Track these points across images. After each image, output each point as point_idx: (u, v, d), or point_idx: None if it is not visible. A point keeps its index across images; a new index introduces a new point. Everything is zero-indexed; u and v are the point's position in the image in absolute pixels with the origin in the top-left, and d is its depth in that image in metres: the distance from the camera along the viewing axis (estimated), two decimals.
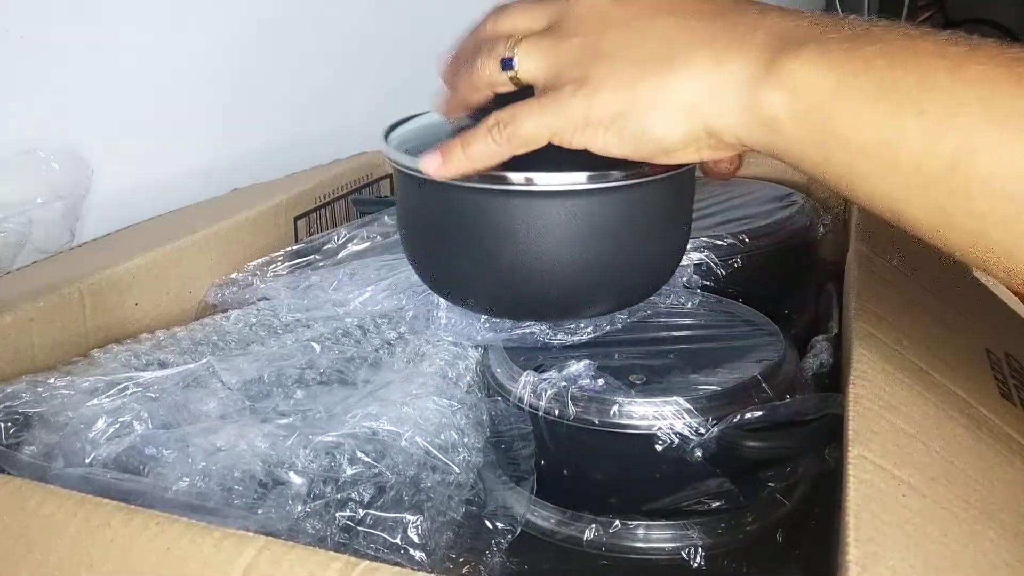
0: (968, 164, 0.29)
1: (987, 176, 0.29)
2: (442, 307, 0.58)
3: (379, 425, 0.47)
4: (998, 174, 0.28)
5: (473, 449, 0.49)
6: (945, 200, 0.30)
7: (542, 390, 0.50)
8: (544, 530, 0.50)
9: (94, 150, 0.79)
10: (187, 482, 0.43)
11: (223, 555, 0.32)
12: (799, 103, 0.32)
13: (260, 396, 0.52)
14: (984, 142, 0.29)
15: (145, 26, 0.85)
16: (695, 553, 0.47)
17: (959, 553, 0.32)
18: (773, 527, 0.49)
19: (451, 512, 0.46)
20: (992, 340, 0.51)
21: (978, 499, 0.35)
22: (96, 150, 0.79)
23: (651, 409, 0.47)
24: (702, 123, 0.35)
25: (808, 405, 0.47)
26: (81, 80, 0.79)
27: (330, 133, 0.58)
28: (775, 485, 0.49)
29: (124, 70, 0.83)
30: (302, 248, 0.72)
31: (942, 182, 0.30)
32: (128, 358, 0.57)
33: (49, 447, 0.46)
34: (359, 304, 0.61)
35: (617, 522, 0.48)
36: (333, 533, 0.43)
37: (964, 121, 0.29)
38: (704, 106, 0.35)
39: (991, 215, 0.29)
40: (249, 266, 0.69)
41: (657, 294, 0.60)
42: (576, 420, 0.48)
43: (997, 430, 0.42)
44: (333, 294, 0.63)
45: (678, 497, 0.48)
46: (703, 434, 0.46)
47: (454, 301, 0.56)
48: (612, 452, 0.49)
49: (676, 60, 0.35)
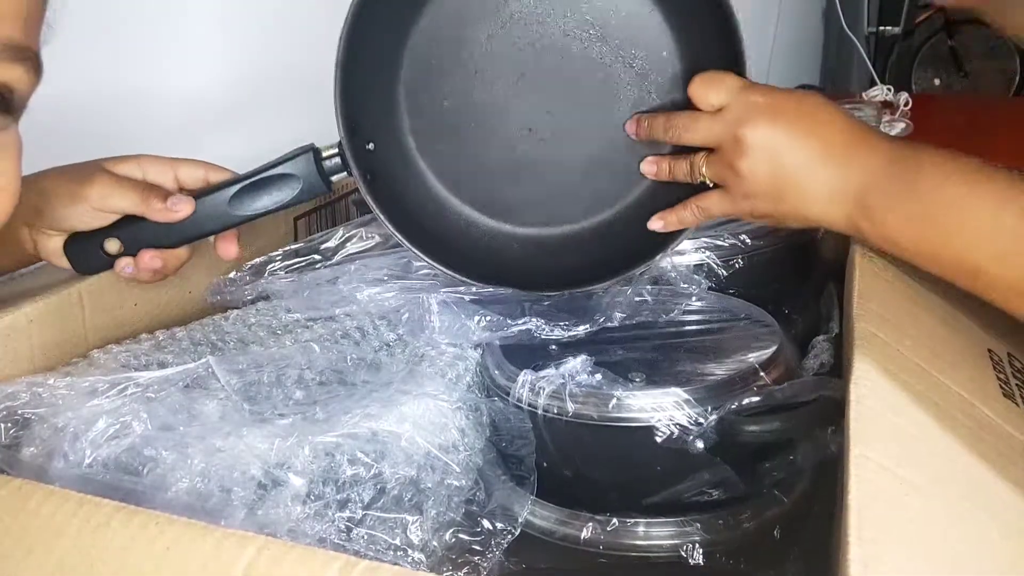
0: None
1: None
2: (435, 311, 0.58)
3: (379, 425, 0.46)
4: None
5: (473, 449, 0.49)
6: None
7: (540, 388, 0.50)
8: (543, 529, 0.50)
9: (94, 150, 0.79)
10: (187, 482, 0.43)
11: (223, 555, 0.32)
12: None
13: (259, 397, 0.52)
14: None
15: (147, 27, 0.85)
16: (694, 550, 0.47)
17: (961, 552, 0.32)
18: (771, 524, 0.49)
19: (451, 512, 0.46)
20: (994, 340, 0.51)
21: (980, 499, 0.35)
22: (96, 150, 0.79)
23: (650, 401, 0.47)
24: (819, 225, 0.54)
25: (805, 388, 0.48)
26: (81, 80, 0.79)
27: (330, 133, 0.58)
28: (778, 474, 0.49)
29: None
30: (301, 247, 0.72)
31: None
32: (127, 359, 0.56)
33: (49, 447, 0.46)
34: (357, 304, 0.61)
35: (615, 520, 0.48)
36: (333, 534, 0.43)
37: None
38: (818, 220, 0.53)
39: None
40: (248, 265, 0.69)
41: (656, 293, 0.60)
42: (575, 416, 0.48)
43: (999, 430, 0.42)
44: (330, 295, 0.62)
45: (679, 489, 0.48)
46: (702, 424, 0.46)
47: None
48: (612, 446, 0.49)
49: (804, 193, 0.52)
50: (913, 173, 0.48)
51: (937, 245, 0.47)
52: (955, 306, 0.52)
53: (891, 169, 0.49)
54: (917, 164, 0.49)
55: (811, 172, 0.51)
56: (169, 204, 0.57)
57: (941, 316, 0.52)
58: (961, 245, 0.46)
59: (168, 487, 0.43)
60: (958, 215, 0.46)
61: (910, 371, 0.43)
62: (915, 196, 0.48)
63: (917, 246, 0.48)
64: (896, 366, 0.43)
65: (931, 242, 0.47)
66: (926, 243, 0.48)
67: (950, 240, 0.46)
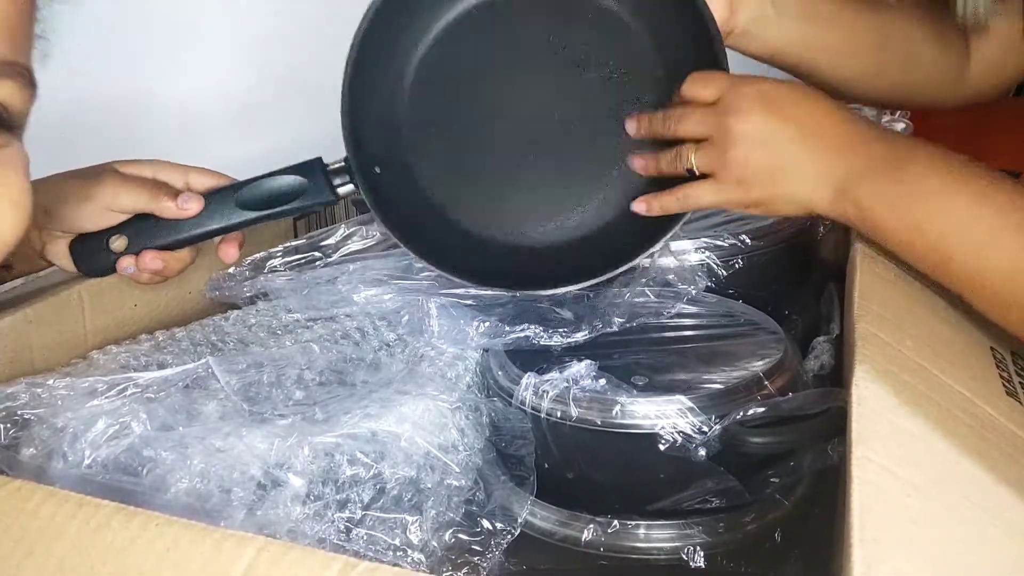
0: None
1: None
2: (433, 314, 0.58)
3: (379, 425, 0.46)
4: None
5: (473, 449, 0.49)
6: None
7: (544, 392, 0.49)
8: (544, 530, 0.49)
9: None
10: (186, 483, 0.43)
11: (223, 556, 0.32)
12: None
13: (259, 397, 0.52)
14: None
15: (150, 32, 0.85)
16: (694, 553, 0.47)
17: (964, 553, 0.32)
18: (772, 527, 0.49)
19: (451, 512, 0.46)
20: (996, 338, 0.51)
21: (983, 499, 0.35)
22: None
23: (654, 408, 0.47)
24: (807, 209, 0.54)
25: (811, 400, 0.47)
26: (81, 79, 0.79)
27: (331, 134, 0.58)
28: (778, 481, 0.49)
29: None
30: (301, 244, 0.72)
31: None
32: (127, 359, 0.56)
33: (48, 448, 0.46)
34: (356, 305, 0.61)
35: (616, 522, 0.48)
36: (332, 534, 0.43)
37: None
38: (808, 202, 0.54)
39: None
40: (247, 261, 0.69)
41: (657, 296, 0.60)
42: (578, 421, 0.48)
43: (1002, 429, 0.42)
44: (329, 295, 0.62)
45: (682, 496, 0.48)
46: (706, 432, 0.46)
47: None
48: (615, 452, 0.49)
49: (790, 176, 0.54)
50: (902, 161, 0.50)
51: (915, 233, 0.48)
52: (957, 305, 0.52)
53: (879, 155, 0.51)
54: (907, 152, 0.50)
55: (803, 154, 0.52)
56: (179, 202, 0.58)
57: (942, 315, 0.52)
58: (937, 235, 0.47)
59: (168, 487, 0.43)
60: (937, 203, 0.48)
61: (912, 371, 0.43)
62: (899, 183, 0.49)
63: (897, 233, 0.49)
64: (897, 366, 0.43)
65: (910, 229, 0.49)
66: (905, 230, 0.49)
67: (928, 228, 0.48)
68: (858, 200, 0.50)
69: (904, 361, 0.44)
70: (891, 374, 0.42)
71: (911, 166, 0.49)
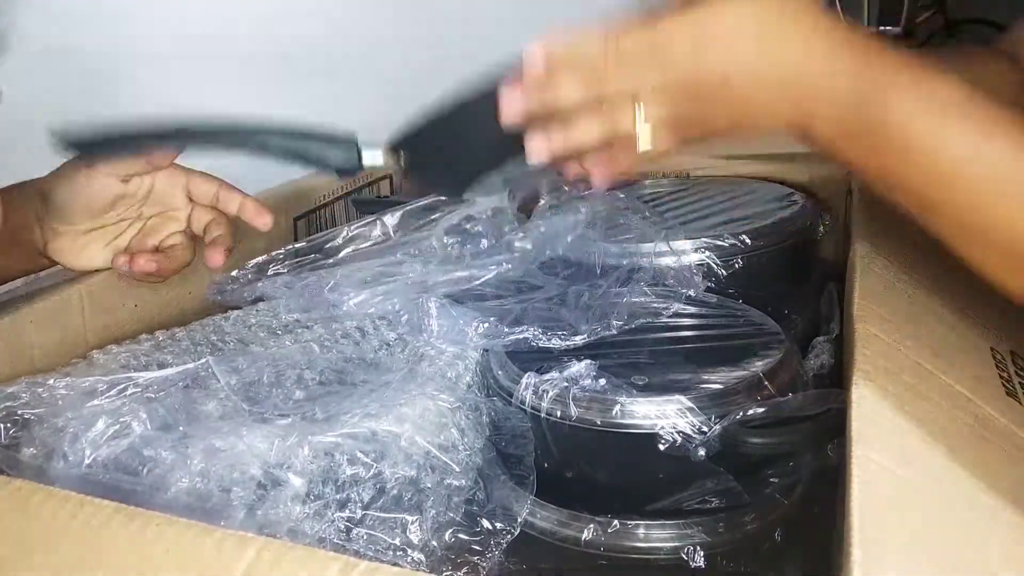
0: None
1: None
2: (433, 314, 0.58)
3: (378, 425, 0.46)
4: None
5: (473, 449, 0.49)
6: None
7: (544, 391, 0.49)
8: (544, 530, 0.50)
9: None
10: (186, 483, 0.43)
11: (223, 556, 0.32)
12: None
13: (259, 397, 0.52)
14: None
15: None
16: (694, 553, 0.47)
17: (964, 553, 0.32)
18: (772, 526, 0.49)
19: (451, 512, 0.46)
20: (996, 338, 0.51)
21: (983, 498, 0.35)
22: None
23: (653, 408, 0.47)
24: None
25: (811, 401, 0.47)
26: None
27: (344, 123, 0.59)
28: (777, 481, 0.49)
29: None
30: (303, 247, 0.72)
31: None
32: (127, 359, 0.56)
33: (49, 448, 0.46)
34: (355, 305, 0.61)
35: (616, 522, 0.48)
36: (332, 533, 0.43)
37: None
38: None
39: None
40: (249, 264, 0.69)
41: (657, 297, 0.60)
42: (578, 421, 0.48)
43: (1002, 428, 0.42)
44: (330, 295, 0.62)
45: (681, 497, 0.48)
46: (706, 432, 0.46)
47: None
48: (615, 452, 0.49)
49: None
50: (871, 105, 0.42)
51: (897, 192, 0.43)
52: (956, 305, 0.52)
53: (842, 100, 0.43)
54: (877, 89, 0.43)
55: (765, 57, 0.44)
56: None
57: (942, 315, 0.52)
58: (920, 190, 0.42)
59: (168, 487, 0.43)
60: (919, 159, 0.41)
61: (911, 371, 0.43)
62: (870, 134, 0.43)
63: (867, 172, 0.44)
64: (897, 366, 0.43)
65: (889, 187, 0.43)
66: (883, 186, 0.44)
67: (910, 187, 0.42)
68: (827, 148, 0.44)
69: (904, 361, 0.44)
70: (891, 374, 0.42)
71: (883, 111, 0.42)
